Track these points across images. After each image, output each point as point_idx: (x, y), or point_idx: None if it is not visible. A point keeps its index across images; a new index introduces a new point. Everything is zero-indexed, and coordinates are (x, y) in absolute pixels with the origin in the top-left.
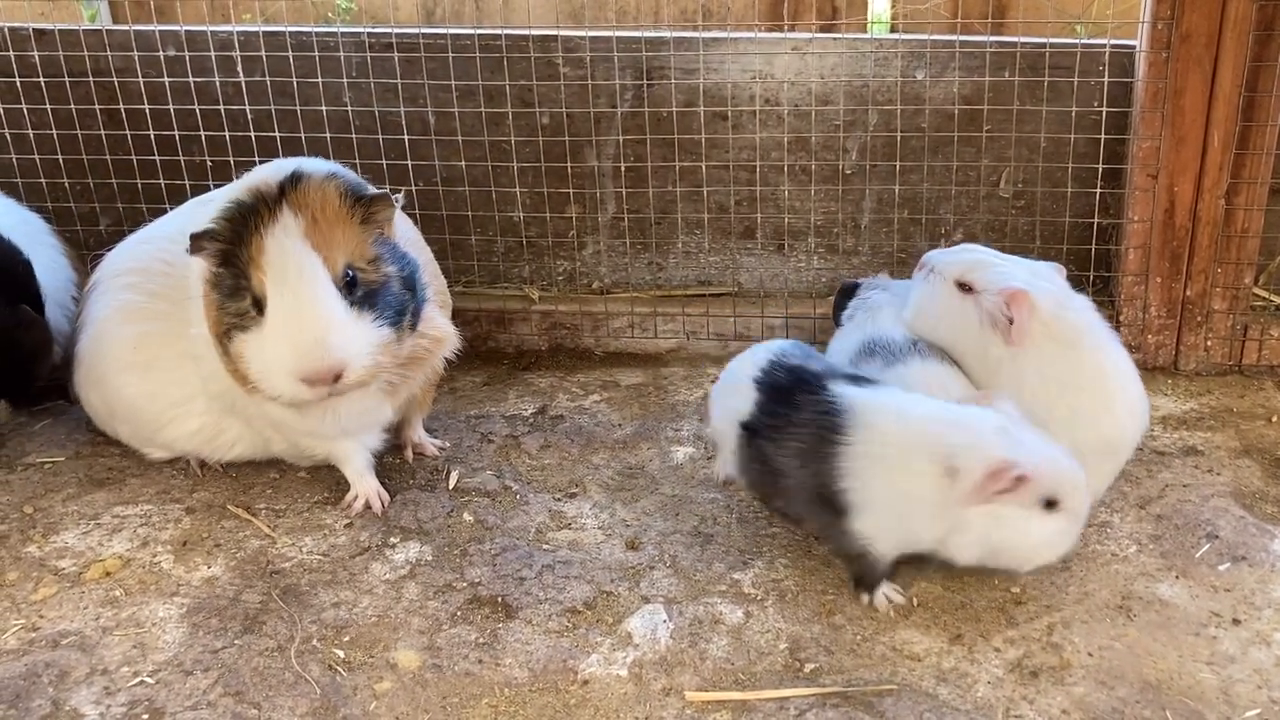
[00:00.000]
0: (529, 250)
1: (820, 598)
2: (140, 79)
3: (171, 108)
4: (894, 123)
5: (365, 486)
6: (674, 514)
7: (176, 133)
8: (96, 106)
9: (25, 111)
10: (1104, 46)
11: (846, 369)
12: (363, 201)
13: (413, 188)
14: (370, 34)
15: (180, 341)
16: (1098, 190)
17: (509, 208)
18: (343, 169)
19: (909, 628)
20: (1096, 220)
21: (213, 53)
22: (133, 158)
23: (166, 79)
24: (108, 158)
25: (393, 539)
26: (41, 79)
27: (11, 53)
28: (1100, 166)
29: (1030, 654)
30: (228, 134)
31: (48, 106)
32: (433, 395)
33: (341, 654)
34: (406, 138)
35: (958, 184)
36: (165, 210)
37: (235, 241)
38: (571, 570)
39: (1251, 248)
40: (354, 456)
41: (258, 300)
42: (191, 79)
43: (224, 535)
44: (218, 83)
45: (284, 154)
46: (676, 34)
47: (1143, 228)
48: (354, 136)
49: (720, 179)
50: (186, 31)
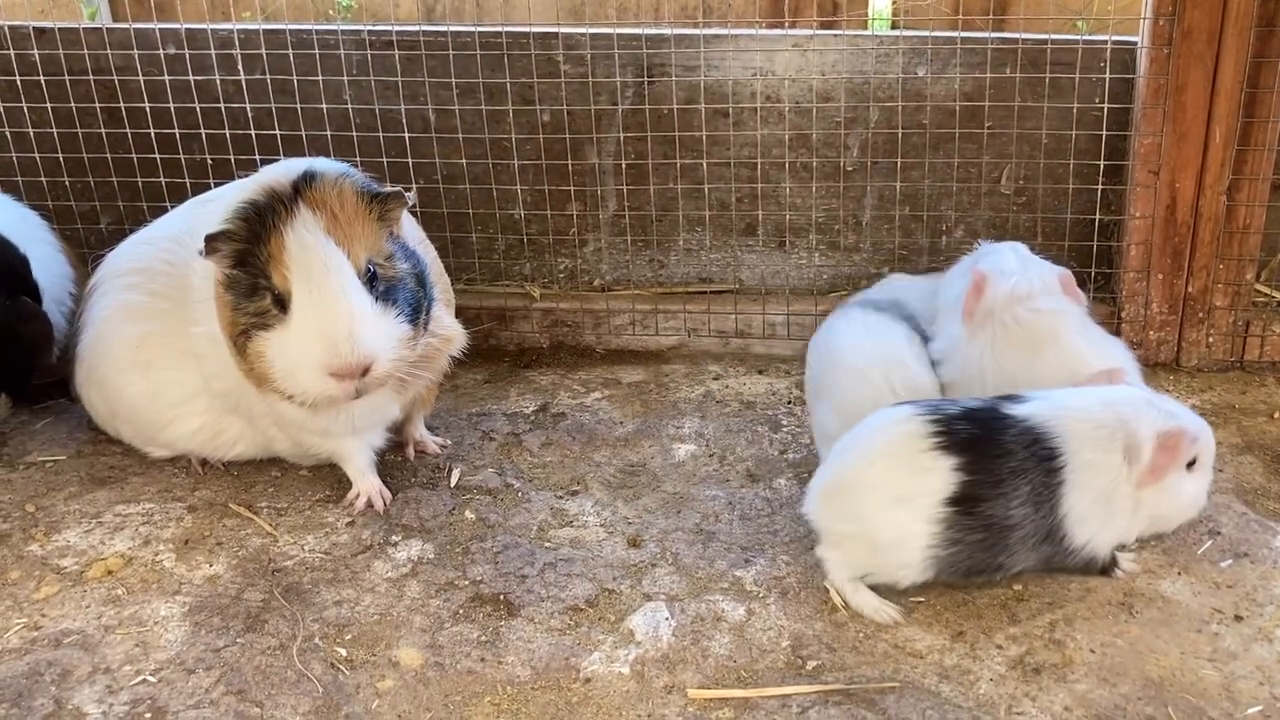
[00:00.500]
0: (530, 248)
1: (822, 595)
2: (140, 77)
3: (172, 106)
4: (895, 119)
5: (367, 485)
6: (675, 511)
7: (177, 131)
8: (97, 105)
9: (25, 110)
10: (1105, 43)
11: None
12: (378, 199)
13: (414, 185)
14: (371, 31)
15: (182, 341)
16: (1099, 187)
17: (510, 205)
18: (351, 168)
19: (911, 625)
20: (1098, 217)
21: (213, 51)
22: (133, 156)
23: (167, 77)
24: (108, 156)
25: (395, 537)
26: (41, 77)
27: (11, 51)
28: (1102, 163)
29: (1032, 651)
30: (228, 132)
31: (48, 105)
32: (435, 393)
33: (344, 652)
34: (407, 135)
35: (959, 181)
36: (166, 209)
37: (252, 241)
38: (573, 568)
39: (1253, 244)
40: (357, 455)
41: (280, 298)
42: (192, 77)
43: (226, 534)
44: (218, 81)
45: (285, 152)
46: (677, 31)
47: (1144, 224)
48: (354, 134)
49: (721, 176)
50: (187, 29)
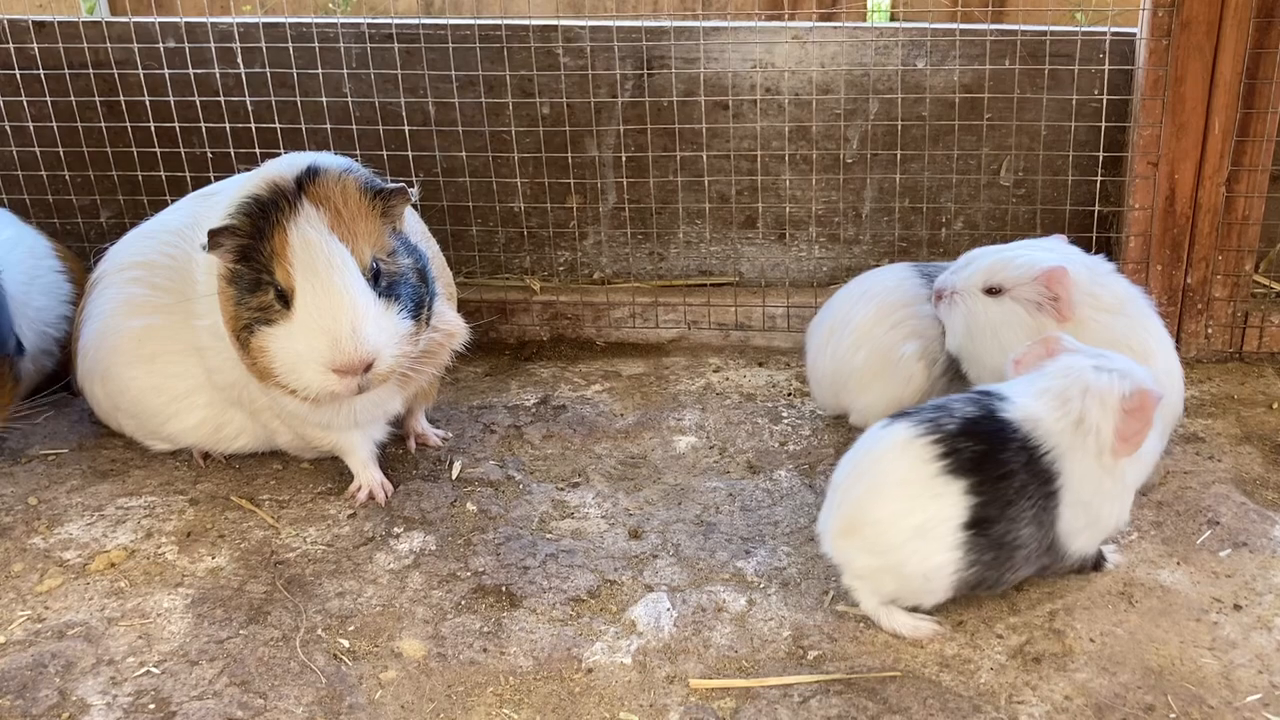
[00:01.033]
0: (530, 241)
1: (823, 586)
2: (140, 71)
3: (171, 99)
4: (895, 111)
5: (369, 477)
6: (676, 503)
7: (177, 125)
8: (96, 98)
9: (25, 104)
10: (1104, 34)
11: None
12: (381, 195)
13: (414, 178)
14: (370, 25)
15: (184, 334)
16: (1098, 178)
17: (510, 198)
18: (354, 163)
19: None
20: (1097, 208)
21: (212, 44)
22: (133, 150)
23: (166, 71)
24: (108, 150)
25: (396, 529)
26: (41, 71)
27: (11, 45)
28: (1101, 154)
29: (1032, 640)
30: (228, 126)
31: (47, 99)
32: (437, 386)
33: (346, 643)
34: (407, 128)
35: (958, 172)
36: (166, 202)
37: (256, 236)
38: (575, 559)
39: (1252, 235)
40: (359, 448)
41: (283, 294)
42: (191, 71)
43: (228, 526)
44: (218, 74)
45: (285, 146)
46: (677, 23)
47: (1143, 215)
48: (354, 128)
49: (721, 168)
50: (186, 23)
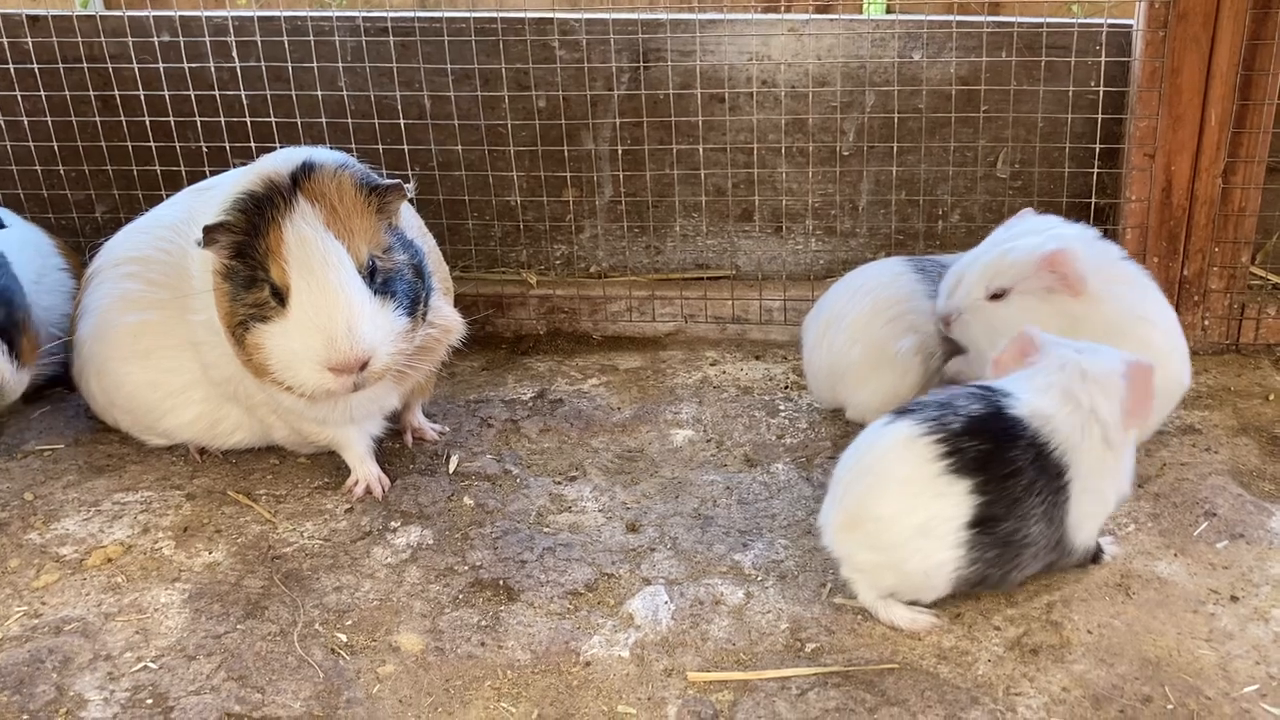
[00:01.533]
0: (526, 234)
1: (820, 578)
2: (135, 65)
3: (166, 93)
4: (891, 104)
5: (366, 472)
6: (674, 496)
7: (171, 119)
8: (91, 93)
9: (19, 98)
10: (1101, 26)
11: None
12: (377, 191)
13: (409, 173)
14: (365, 18)
15: (180, 329)
16: (1095, 170)
17: (506, 192)
18: (350, 158)
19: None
20: (1094, 200)
21: (207, 38)
22: (128, 144)
23: (161, 65)
24: (103, 144)
25: (394, 523)
26: (35, 65)
27: (4, 39)
28: (1097, 146)
29: (1030, 632)
30: (223, 120)
31: (42, 93)
32: (434, 381)
33: (344, 638)
34: (402, 122)
35: (955, 165)
36: (161, 197)
37: (251, 233)
38: (572, 553)
39: (1249, 226)
40: (355, 442)
41: (278, 291)
42: (186, 64)
43: (225, 521)
44: (212, 68)
45: (280, 139)
46: (673, 16)
47: (1140, 207)
48: (350, 121)
49: (717, 161)
50: (181, 17)
